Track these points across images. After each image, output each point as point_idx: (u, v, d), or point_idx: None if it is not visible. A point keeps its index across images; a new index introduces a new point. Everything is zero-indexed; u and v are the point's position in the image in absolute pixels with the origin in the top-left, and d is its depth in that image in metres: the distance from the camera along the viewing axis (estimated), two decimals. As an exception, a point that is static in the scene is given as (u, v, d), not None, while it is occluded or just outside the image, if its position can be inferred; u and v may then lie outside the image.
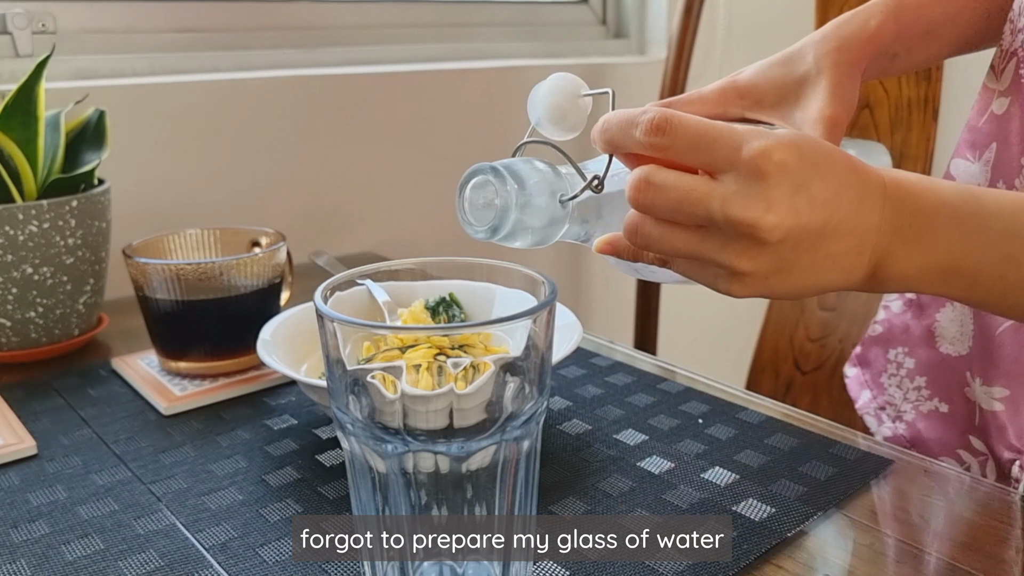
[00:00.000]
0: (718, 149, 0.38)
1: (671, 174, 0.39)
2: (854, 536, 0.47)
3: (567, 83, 0.47)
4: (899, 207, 0.42)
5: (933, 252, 0.42)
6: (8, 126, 0.70)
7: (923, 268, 0.42)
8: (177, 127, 0.96)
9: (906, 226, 0.42)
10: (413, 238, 1.17)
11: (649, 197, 0.40)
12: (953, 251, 0.42)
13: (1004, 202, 0.42)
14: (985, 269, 0.42)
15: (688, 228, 0.40)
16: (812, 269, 0.40)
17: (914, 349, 0.68)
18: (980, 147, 0.61)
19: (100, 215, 0.73)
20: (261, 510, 0.50)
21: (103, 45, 0.97)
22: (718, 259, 0.40)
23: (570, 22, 1.39)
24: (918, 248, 0.42)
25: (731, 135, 0.39)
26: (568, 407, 0.62)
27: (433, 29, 1.23)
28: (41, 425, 0.60)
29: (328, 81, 1.07)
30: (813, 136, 0.42)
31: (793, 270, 0.40)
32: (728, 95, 0.53)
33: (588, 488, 0.51)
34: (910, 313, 0.69)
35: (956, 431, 0.65)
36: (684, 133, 0.39)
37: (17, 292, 0.69)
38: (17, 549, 0.46)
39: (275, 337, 0.60)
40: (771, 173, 0.38)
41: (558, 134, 0.47)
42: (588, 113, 0.47)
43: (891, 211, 0.41)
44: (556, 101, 0.46)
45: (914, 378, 0.68)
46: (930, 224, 0.42)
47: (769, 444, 0.56)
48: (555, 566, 0.44)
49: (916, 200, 0.42)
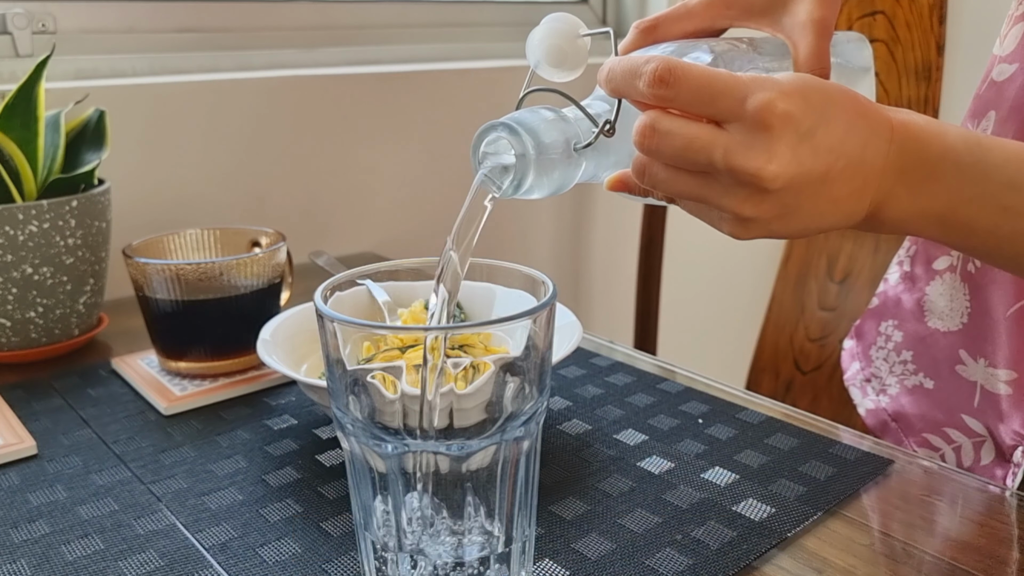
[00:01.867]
0: (722, 100, 0.39)
1: (676, 121, 0.40)
2: (854, 536, 0.47)
3: (564, 24, 0.46)
4: (904, 150, 0.42)
5: (933, 198, 0.42)
6: (8, 126, 0.70)
7: (922, 213, 0.43)
8: (177, 127, 0.96)
9: (910, 170, 0.42)
10: (413, 238, 1.17)
11: (655, 143, 0.40)
12: (953, 199, 0.42)
13: (1009, 153, 0.43)
14: (982, 219, 0.43)
15: (693, 173, 0.41)
16: (815, 212, 0.41)
17: (903, 322, 0.68)
18: (979, 115, 0.62)
19: (100, 215, 0.73)
20: (261, 510, 0.50)
21: (103, 45, 0.97)
22: (722, 204, 0.40)
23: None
24: (919, 193, 0.42)
25: (735, 86, 0.39)
26: (568, 407, 0.62)
27: (433, 29, 1.23)
28: (41, 425, 0.60)
29: (328, 81, 1.07)
30: (820, 80, 0.42)
31: (796, 214, 0.41)
32: (716, 6, 0.53)
33: (588, 488, 0.51)
34: (903, 286, 0.69)
35: (943, 409, 0.65)
36: (688, 85, 0.39)
37: (17, 292, 0.69)
38: (17, 549, 0.46)
39: (275, 337, 0.60)
40: (775, 125, 0.38)
41: (558, 76, 0.47)
42: (587, 52, 0.46)
43: (896, 154, 0.42)
44: (554, 43, 0.46)
45: (900, 352, 0.68)
46: (933, 171, 0.42)
47: (769, 444, 0.56)
48: (555, 566, 0.44)
49: (922, 145, 0.42)
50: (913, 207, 0.43)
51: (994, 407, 0.61)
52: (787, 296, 1.19)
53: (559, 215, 1.33)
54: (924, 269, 0.67)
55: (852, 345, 0.74)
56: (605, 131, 0.43)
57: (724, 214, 0.41)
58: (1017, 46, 0.59)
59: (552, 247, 1.32)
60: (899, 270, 0.70)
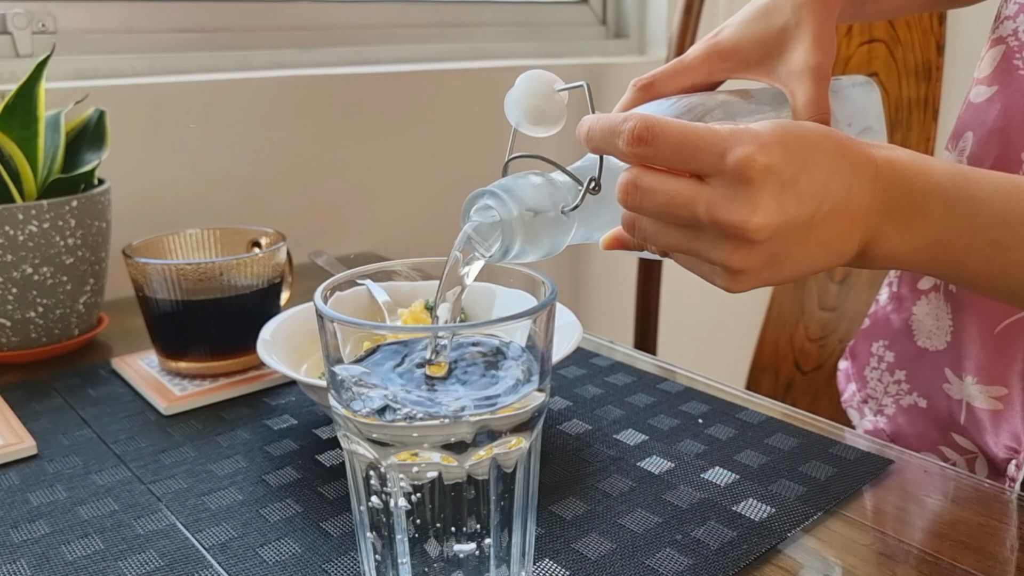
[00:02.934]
0: (702, 156, 0.39)
1: (657, 178, 0.40)
2: (854, 536, 0.47)
3: (538, 83, 0.46)
4: (890, 188, 0.42)
5: (922, 234, 0.42)
6: (8, 126, 0.70)
7: (911, 249, 0.43)
8: (177, 127, 0.96)
9: (896, 208, 0.42)
10: (413, 238, 1.17)
11: (638, 200, 0.41)
12: (942, 234, 0.42)
13: (996, 186, 0.43)
14: (972, 253, 0.43)
15: (680, 227, 0.41)
16: (805, 257, 0.41)
17: (894, 342, 0.68)
18: (956, 137, 0.62)
19: (100, 215, 0.73)
20: (261, 510, 0.50)
21: (103, 45, 0.97)
22: (711, 257, 0.40)
23: (570, 22, 1.39)
24: (908, 230, 0.42)
25: (713, 141, 0.39)
26: (568, 407, 0.62)
27: (433, 29, 1.23)
28: (41, 425, 0.60)
29: (328, 81, 1.07)
30: (799, 125, 0.41)
31: (786, 261, 0.41)
32: (712, 60, 0.53)
33: (588, 488, 0.51)
34: (891, 306, 0.69)
35: (936, 427, 0.65)
36: (667, 142, 0.39)
37: (17, 292, 0.69)
38: (17, 549, 0.46)
39: (275, 337, 0.60)
40: (756, 179, 0.38)
41: (540, 132, 0.47)
42: (566, 105, 0.46)
43: (882, 193, 0.42)
44: (532, 103, 0.46)
45: (894, 371, 0.68)
46: (921, 207, 0.42)
47: (769, 444, 0.56)
48: (555, 566, 0.44)
49: (908, 182, 0.42)
50: (902, 243, 0.43)
51: (983, 422, 0.61)
52: (787, 296, 1.19)
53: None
54: (910, 289, 0.67)
55: (847, 366, 0.74)
56: (591, 189, 0.43)
57: (715, 267, 0.41)
58: (993, 69, 0.60)
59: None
60: (888, 291, 0.70)
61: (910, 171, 0.42)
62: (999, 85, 0.59)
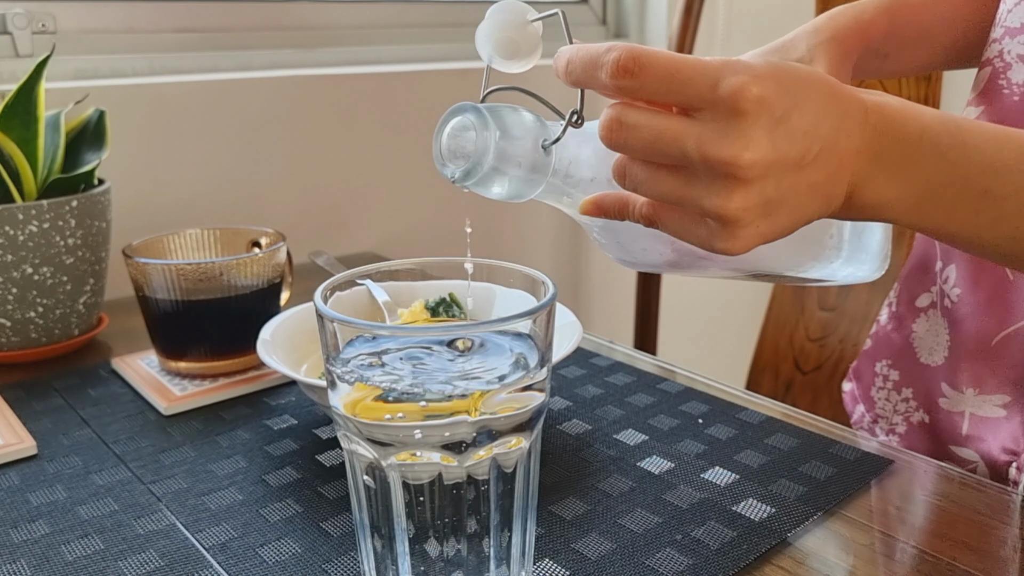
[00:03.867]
0: (692, 87, 0.37)
1: (643, 114, 0.38)
2: (854, 536, 0.47)
3: (509, 14, 0.43)
4: (880, 132, 0.41)
5: (911, 181, 0.41)
6: (8, 126, 0.70)
7: (899, 197, 0.41)
8: (177, 127, 0.96)
9: (886, 152, 0.41)
10: (413, 238, 1.17)
11: (622, 137, 0.38)
12: (931, 182, 0.41)
13: (987, 135, 0.42)
14: (961, 203, 0.42)
15: (673, 170, 0.39)
16: (796, 202, 0.39)
17: (897, 360, 0.68)
18: None
19: (100, 215, 0.73)
20: (261, 510, 0.50)
21: (103, 45, 0.97)
22: (705, 205, 0.38)
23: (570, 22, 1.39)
24: (896, 176, 0.41)
25: (705, 71, 0.37)
26: (568, 407, 0.62)
27: (433, 29, 1.23)
28: (41, 425, 0.60)
29: (328, 81, 1.07)
30: (792, 64, 0.40)
31: (780, 209, 0.39)
32: None
33: (588, 488, 0.51)
34: (891, 325, 0.69)
35: (936, 442, 0.65)
36: (654, 73, 0.36)
37: (17, 292, 0.69)
38: (17, 549, 0.46)
39: (275, 337, 0.60)
40: (749, 111, 0.36)
41: (515, 67, 0.44)
42: (540, 35, 0.44)
43: (871, 136, 0.40)
44: (503, 36, 0.43)
45: (900, 390, 0.68)
46: (911, 152, 0.41)
47: (769, 444, 0.56)
48: (555, 566, 0.44)
49: (898, 126, 0.41)
50: (890, 190, 0.41)
51: (983, 432, 0.61)
52: (787, 296, 1.19)
53: (559, 214, 1.33)
54: (908, 308, 0.67)
55: (852, 388, 0.74)
56: (573, 122, 0.41)
57: (711, 224, 0.39)
58: (981, 89, 0.60)
59: (552, 247, 1.33)
60: (888, 310, 0.70)
61: (900, 116, 0.41)
62: (986, 105, 0.60)
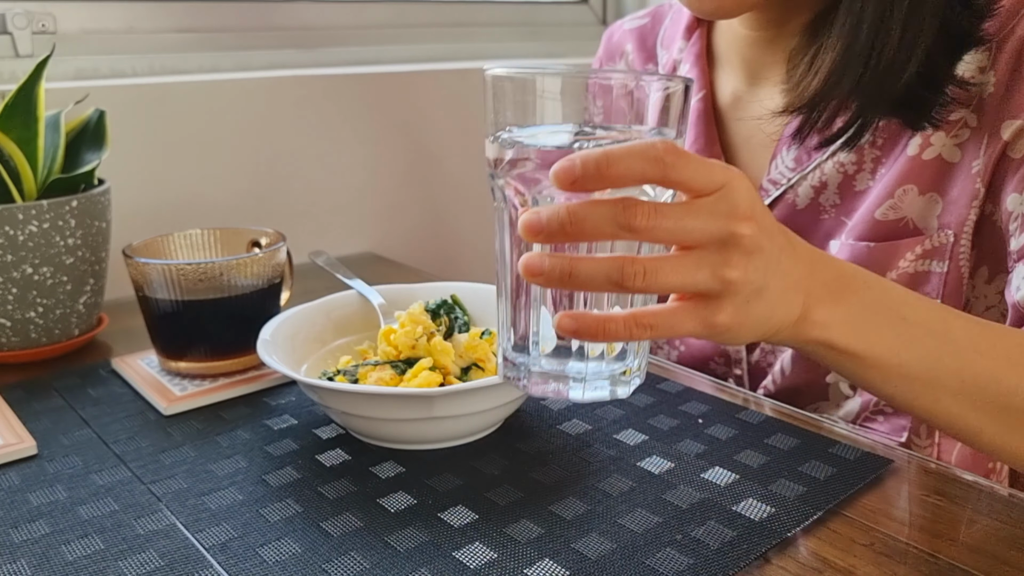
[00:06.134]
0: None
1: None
2: (854, 536, 0.47)
3: None
4: (824, 265, 0.47)
5: (850, 304, 0.47)
6: (8, 126, 0.70)
7: (842, 318, 0.47)
8: (177, 127, 0.96)
9: (830, 281, 0.47)
10: (413, 238, 1.17)
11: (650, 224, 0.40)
12: (864, 305, 0.48)
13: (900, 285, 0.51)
14: (886, 325, 0.48)
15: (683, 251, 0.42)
16: (772, 299, 0.43)
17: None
18: None
19: (100, 215, 0.73)
20: (261, 510, 0.50)
21: (103, 45, 0.98)
22: (715, 263, 0.40)
23: (570, 22, 1.39)
24: (839, 299, 0.47)
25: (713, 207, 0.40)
26: (568, 407, 0.62)
27: (433, 29, 1.23)
28: (41, 425, 0.60)
29: (328, 81, 1.07)
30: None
31: (762, 295, 0.42)
32: None
33: (588, 488, 0.51)
34: None
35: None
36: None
37: (17, 292, 0.69)
38: (17, 549, 0.46)
39: (275, 337, 0.60)
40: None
41: None
42: None
43: (819, 266, 0.47)
44: None
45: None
46: (848, 283, 0.48)
47: (769, 444, 0.56)
48: (555, 566, 0.44)
49: (835, 264, 0.48)
50: (836, 310, 0.46)
51: None
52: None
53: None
54: None
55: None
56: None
57: (712, 285, 0.41)
58: None
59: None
60: None
61: (834, 260, 0.48)
62: None
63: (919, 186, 0.64)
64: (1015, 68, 0.59)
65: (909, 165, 0.64)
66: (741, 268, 0.40)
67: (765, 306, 0.43)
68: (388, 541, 0.46)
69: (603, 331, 0.39)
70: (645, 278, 0.38)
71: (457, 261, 1.22)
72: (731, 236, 0.40)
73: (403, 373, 0.58)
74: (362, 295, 0.68)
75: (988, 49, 0.61)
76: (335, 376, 0.60)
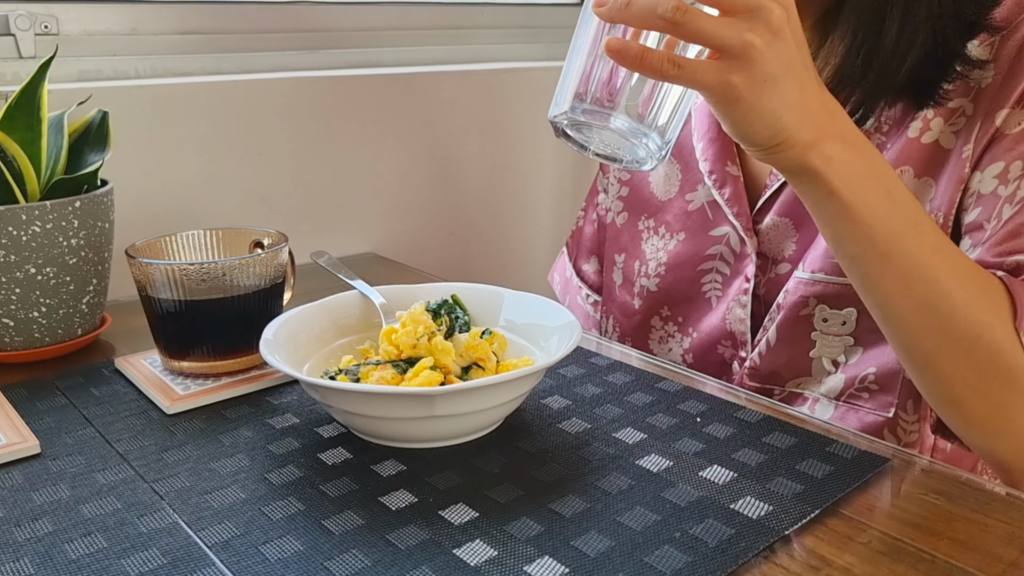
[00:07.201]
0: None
1: None
2: (851, 534, 0.47)
3: None
4: (840, 116, 0.54)
5: (858, 153, 0.53)
6: (12, 127, 0.70)
7: (847, 160, 0.53)
8: (180, 128, 0.96)
9: (848, 129, 0.54)
10: (413, 239, 1.17)
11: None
12: (870, 162, 0.54)
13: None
14: (876, 189, 0.54)
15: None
16: (786, 100, 0.49)
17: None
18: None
19: (103, 216, 0.73)
20: (263, 508, 0.50)
21: (106, 47, 0.98)
22: (743, 27, 0.47)
23: (570, 24, 1.38)
24: (849, 145, 0.53)
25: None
26: (567, 406, 0.63)
27: (434, 32, 1.24)
28: (44, 424, 0.61)
29: (330, 83, 1.07)
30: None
31: (777, 86, 0.49)
32: None
33: (587, 486, 0.52)
34: None
35: None
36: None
37: (20, 292, 0.69)
38: (20, 547, 0.47)
39: (277, 337, 0.60)
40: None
41: None
42: None
43: (838, 115, 0.54)
44: None
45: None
46: (859, 138, 0.54)
47: (767, 442, 0.57)
48: (555, 563, 0.44)
49: (849, 119, 0.55)
50: (845, 152, 0.53)
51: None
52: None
53: (559, 214, 1.33)
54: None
55: None
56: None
57: (731, 62, 0.48)
58: None
59: (553, 247, 1.33)
60: None
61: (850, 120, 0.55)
62: None
63: (915, 169, 0.66)
64: (1015, 62, 0.61)
65: (908, 147, 0.66)
66: (763, 40, 0.47)
67: (777, 100, 0.49)
68: (389, 539, 0.47)
69: (641, 59, 0.47)
70: (686, 13, 0.46)
71: (458, 262, 1.23)
72: (762, 9, 0.47)
73: (404, 372, 0.59)
74: (364, 295, 0.69)
75: (991, 43, 0.62)
76: (337, 375, 0.60)
